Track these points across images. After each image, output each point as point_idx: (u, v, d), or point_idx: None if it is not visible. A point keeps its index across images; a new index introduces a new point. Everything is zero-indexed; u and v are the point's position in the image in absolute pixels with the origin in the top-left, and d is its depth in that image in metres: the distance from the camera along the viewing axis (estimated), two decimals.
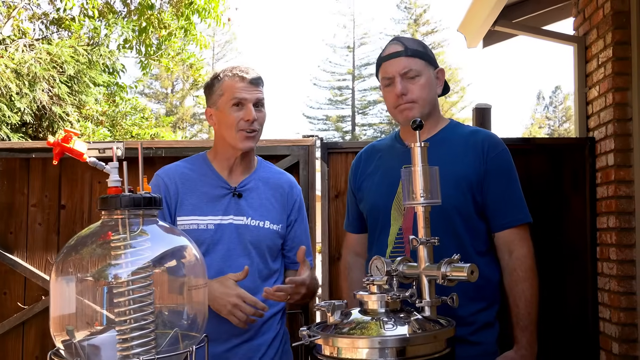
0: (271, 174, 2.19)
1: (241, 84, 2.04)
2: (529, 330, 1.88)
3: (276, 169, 2.26)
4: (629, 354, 2.94)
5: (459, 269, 1.42)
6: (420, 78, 1.99)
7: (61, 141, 1.33)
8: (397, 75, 1.99)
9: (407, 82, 1.98)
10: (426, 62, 2.02)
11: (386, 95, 2.06)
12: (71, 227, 3.33)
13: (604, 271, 3.10)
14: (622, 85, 3.03)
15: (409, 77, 1.99)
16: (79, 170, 3.36)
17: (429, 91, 2.01)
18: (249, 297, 1.90)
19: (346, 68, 35.66)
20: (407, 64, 1.99)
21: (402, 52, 2.00)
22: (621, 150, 3.00)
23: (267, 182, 2.15)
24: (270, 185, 2.15)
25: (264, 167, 2.21)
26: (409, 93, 1.98)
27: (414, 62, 1.99)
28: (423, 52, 2.02)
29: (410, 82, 1.98)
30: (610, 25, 3.07)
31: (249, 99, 2.04)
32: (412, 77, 1.98)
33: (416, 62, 1.99)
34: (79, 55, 5.96)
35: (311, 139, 3.32)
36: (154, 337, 1.30)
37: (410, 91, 1.98)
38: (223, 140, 2.09)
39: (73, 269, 1.31)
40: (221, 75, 2.08)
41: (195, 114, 32.69)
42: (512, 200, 1.96)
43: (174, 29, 7.17)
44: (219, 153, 2.13)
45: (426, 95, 2.00)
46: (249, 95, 2.04)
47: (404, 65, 1.99)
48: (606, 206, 3.09)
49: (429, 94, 2.01)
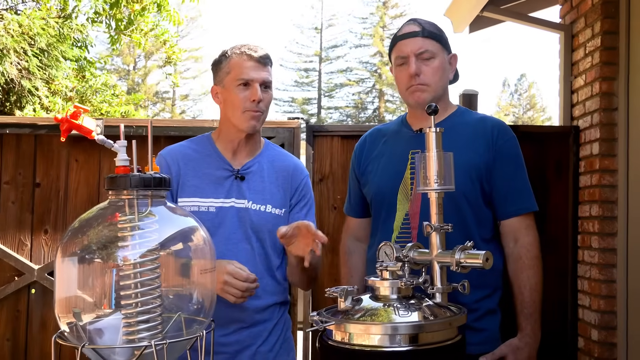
0: (276, 157, 2.13)
1: (249, 63, 1.98)
2: (534, 318, 1.89)
3: (282, 151, 2.19)
4: (607, 341, 3.00)
5: (474, 256, 1.41)
6: (434, 60, 1.97)
7: (70, 117, 1.26)
8: (411, 55, 1.96)
9: (421, 63, 1.96)
10: (442, 45, 1.99)
11: (398, 75, 2.02)
12: (46, 205, 3.23)
13: (585, 259, 3.15)
14: (610, 74, 3.06)
15: (424, 59, 1.96)
16: (55, 148, 3.26)
17: (441, 75, 1.98)
18: (239, 272, 1.84)
19: (313, 49, 35.47)
20: (423, 44, 1.96)
21: (418, 33, 1.98)
22: (606, 140, 3.04)
23: (272, 165, 2.09)
24: (275, 168, 2.09)
25: (270, 149, 2.14)
26: (422, 75, 1.96)
27: (430, 43, 1.97)
28: (439, 35, 1.99)
29: (424, 63, 1.96)
30: (599, 14, 3.09)
31: (256, 78, 1.97)
32: (427, 58, 1.96)
33: (432, 44, 1.97)
34: (49, 27, 5.75)
35: (296, 121, 3.28)
36: (161, 321, 1.26)
37: (423, 73, 1.96)
38: (227, 121, 2.03)
39: (80, 250, 1.26)
40: (229, 52, 2.01)
41: (158, 92, 32.16)
42: (519, 189, 1.96)
43: (147, 4, 6.99)
44: (222, 133, 2.07)
45: (438, 79, 1.97)
46: (256, 75, 1.97)
47: (420, 46, 1.96)
48: (589, 195, 3.12)
49: (441, 78, 1.99)
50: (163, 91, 32.03)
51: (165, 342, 1.19)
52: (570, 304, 3.23)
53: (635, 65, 2.97)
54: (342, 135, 3.29)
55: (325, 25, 35.58)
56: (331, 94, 34.93)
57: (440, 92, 2.00)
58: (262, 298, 1.98)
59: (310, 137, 3.27)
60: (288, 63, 35.64)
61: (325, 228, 3.21)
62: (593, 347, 3.06)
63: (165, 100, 32.36)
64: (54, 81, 6.17)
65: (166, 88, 31.81)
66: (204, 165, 2.02)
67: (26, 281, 3.17)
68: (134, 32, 7.32)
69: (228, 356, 1.95)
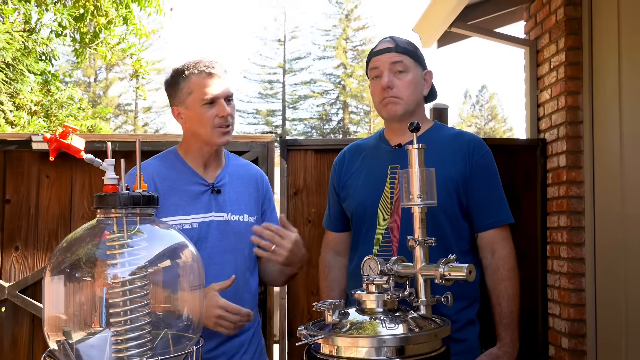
0: (241, 167, 2.18)
1: (210, 81, 1.98)
2: (512, 328, 1.93)
3: (243, 161, 2.24)
4: (577, 349, 3.07)
5: (458, 268, 1.44)
6: (407, 74, 2.03)
7: (59, 137, 1.26)
8: (385, 68, 2.03)
9: (394, 76, 2.02)
10: (415, 61, 2.06)
11: (372, 89, 2.09)
12: (17, 222, 3.18)
13: (554, 269, 3.22)
14: (574, 89, 3.15)
15: (396, 72, 2.02)
16: (25, 164, 3.21)
17: (414, 89, 2.04)
18: (232, 306, 1.87)
19: (277, 61, 35.55)
20: (398, 58, 2.03)
21: (392, 48, 2.05)
22: (572, 152, 3.13)
23: (240, 175, 2.13)
24: (243, 179, 2.13)
25: (231, 159, 2.17)
26: (395, 88, 2.02)
27: (403, 58, 2.03)
28: (413, 52, 2.06)
29: (397, 76, 2.02)
30: (563, 30, 3.19)
31: (220, 94, 1.99)
32: (400, 71, 2.02)
33: (405, 59, 2.04)
34: (15, 41, 5.66)
35: (270, 135, 3.30)
36: (150, 337, 1.27)
37: (396, 86, 2.02)
38: (196, 137, 2.03)
39: (69, 269, 1.26)
40: (186, 72, 2.00)
41: (120, 105, 31.77)
42: (495, 202, 2.01)
43: (113, 17, 6.94)
44: (191, 149, 2.06)
45: (411, 93, 2.03)
46: (219, 92, 1.99)
47: (395, 59, 2.03)
48: (557, 206, 3.21)
49: (414, 92, 2.04)
50: (125, 103, 31.68)
51: (157, 359, 1.20)
52: (540, 312, 3.30)
53: (598, 79, 3.07)
54: (315, 149, 3.32)
55: (289, 37, 35.78)
56: (295, 105, 35.03)
57: (413, 106, 2.05)
58: (246, 305, 2.00)
59: (284, 151, 3.29)
60: (252, 75, 35.70)
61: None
62: (563, 354, 3.13)
63: (127, 113, 31.99)
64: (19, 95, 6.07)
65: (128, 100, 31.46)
66: (180, 182, 2.02)
67: None
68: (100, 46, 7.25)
69: None
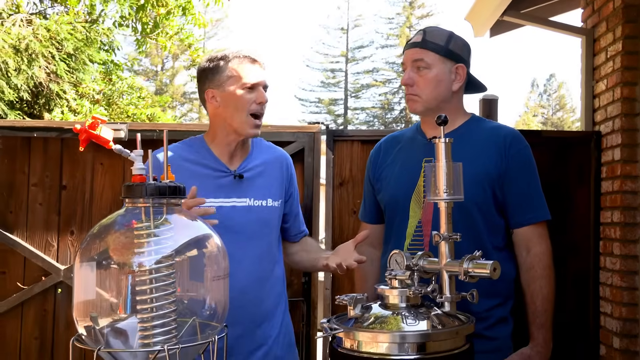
0: (266, 151, 2.19)
1: (253, 67, 2.04)
2: (545, 328, 1.90)
3: (267, 144, 2.24)
4: (629, 349, 2.97)
5: (482, 265, 1.42)
6: (428, 71, 2.00)
7: (88, 128, 1.31)
8: (408, 64, 2.02)
9: (417, 73, 2.00)
10: (443, 56, 2.01)
11: None
12: (72, 207, 3.30)
13: (607, 266, 3.12)
14: (631, 79, 3.03)
15: (418, 68, 2.00)
16: (81, 151, 3.32)
17: (435, 86, 2.00)
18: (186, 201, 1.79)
19: (340, 50, 35.51)
20: (419, 55, 2.01)
21: (418, 44, 2.02)
22: (628, 145, 3.01)
23: (265, 160, 2.15)
24: (268, 163, 2.15)
25: (257, 145, 2.19)
26: (415, 85, 2.00)
27: (427, 54, 2.00)
28: (441, 46, 2.01)
29: (419, 73, 2.00)
30: (621, 18, 3.06)
31: (261, 82, 2.04)
32: (422, 68, 2.00)
33: (429, 55, 2.00)
34: (77, 32, 5.87)
35: (317, 125, 3.30)
36: (175, 325, 1.30)
37: (416, 83, 2.00)
38: (225, 124, 2.04)
39: (97, 256, 1.30)
40: (230, 56, 2.04)
41: (185, 93, 32.46)
42: (532, 198, 1.97)
43: (172, 8, 7.09)
44: (218, 137, 2.08)
45: (432, 90, 2.00)
46: (261, 79, 2.04)
47: (416, 56, 2.01)
48: (611, 201, 3.10)
49: (435, 89, 2.00)
50: (190, 92, 32.34)
51: (178, 347, 1.23)
52: (592, 311, 3.21)
53: None
54: (362, 140, 3.31)
55: (352, 25, 35.65)
56: (357, 94, 34.93)
57: (434, 103, 2.01)
58: (270, 294, 2.02)
59: (330, 142, 3.29)
60: (314, 64, 35.78)
61: (344, 232, 3.24)
62: (615, 354, 3.03)
63: (192, 101, 32.66)
64: (82, 84, 6.29)
65: (193, 89, 32.08)
66: (201, 167, 2.04)
67: (53, 281, 3.24)
68: (160, 35, 7.42)
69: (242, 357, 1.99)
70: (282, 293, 2.12)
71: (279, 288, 2.10)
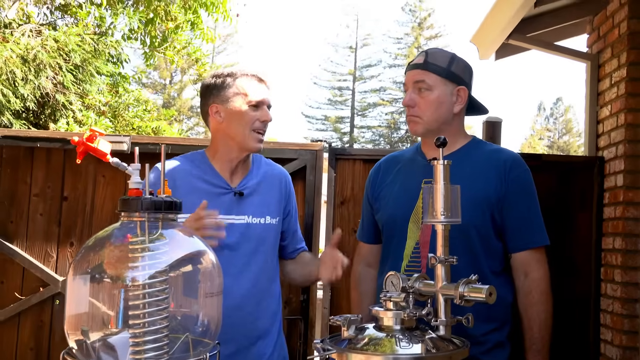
0: (265, 168, 2.20)
1: (259, 85, 2.06)
2: (542, 354, 1.88)
3: (267, 161, 2.25)
4: None
5: (477, 290, 1.41)
6: (430, 93, 1.99)
7: (85, 140, 1.31)
8: (410, 86, 2.02)
9: (418, 94, 2.00)
10: (444, 78, 2.00)
11: None
12: (73, 219, 3.30)
13: (608, 292, 3.10)
14: (635, 106, 3.03)
15: (420, 90, 2.00)
16: (83, 163, 3.32)
17: (436, 108, 1.99)
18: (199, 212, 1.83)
19: (347, 68, 35.65)
20: (421, 76, 2.00)
21: (420, 65, 2.02)
22: (631, 172, 3.00)
23: (264, 177, 2.15)
24: (268, 180, 2.15)
25: (257, 162, 2.19)
26: (416, 107, 2.00)
27: (428, 76, 2.00)
28: (443, 69, 2.00)
29: (420, 94, 2.00)
30: (626, 45, 3.07)
31: (266, 101, 2.06)
32: (423, 89, 2.00)
33: (431, 77, 1.99)
34: (85, 43, 5.92)
35: (319, 143, 3.31)
36: (167, 341, 1.29)
37: (417, 105, 2.00)
38: (227, 139, 2.05)
39: (91, 269, 1.30)
40: (238, 74, 2.07)
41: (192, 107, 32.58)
42: (531, 222, 1.95)
43: (181, 22, 7.15)
44: (219, 152, 2.08)
45: (433, 112, 1.99)
46: (266, 97, 2.06)
47: (418, 77, 2.01)
48: (613, 227, 3.08)
49: (436, 111, 2.00)
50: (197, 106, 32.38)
51: None
52: (592, 337, 3.18)
53: None
54: (364, 159, 3.30)
55: (360, 44, 35.82)
56: (364, 113, 35.02)
57: (435, 125, 2.00)
58: (266, 312, 2.01)
59: (332, 160, 3.29)
60: (322, 81, 35.90)
61: (345, 251, 3.17)
62: None
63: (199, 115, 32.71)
64: (88, 96, 6.33)
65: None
66: (201, 182, 2.04)
67: (50, 292, 3.23)
68: (168, 50, 7.48)
69: None
70: (277, 312, 2.11)
71: (274, 306, 2.09)
